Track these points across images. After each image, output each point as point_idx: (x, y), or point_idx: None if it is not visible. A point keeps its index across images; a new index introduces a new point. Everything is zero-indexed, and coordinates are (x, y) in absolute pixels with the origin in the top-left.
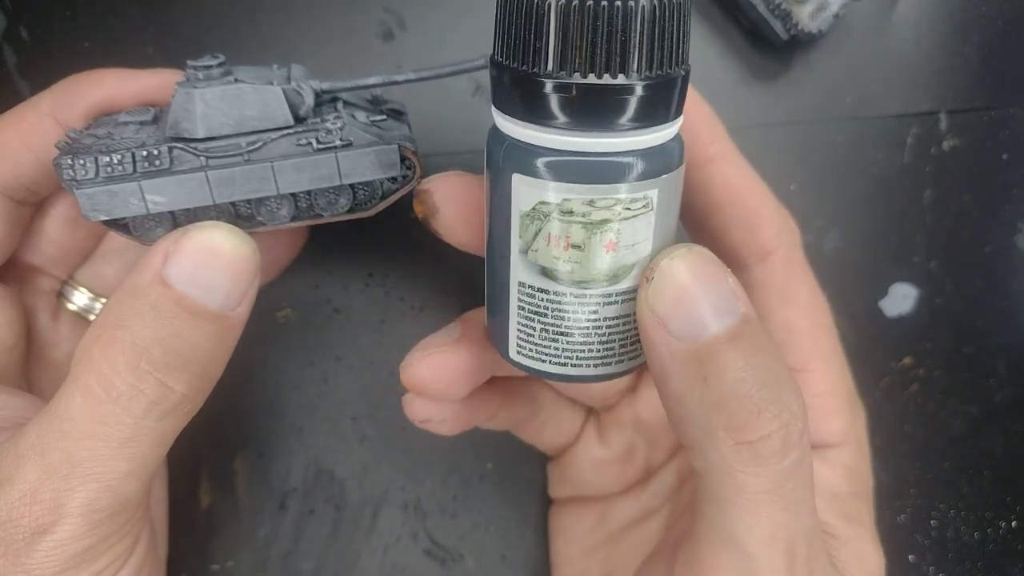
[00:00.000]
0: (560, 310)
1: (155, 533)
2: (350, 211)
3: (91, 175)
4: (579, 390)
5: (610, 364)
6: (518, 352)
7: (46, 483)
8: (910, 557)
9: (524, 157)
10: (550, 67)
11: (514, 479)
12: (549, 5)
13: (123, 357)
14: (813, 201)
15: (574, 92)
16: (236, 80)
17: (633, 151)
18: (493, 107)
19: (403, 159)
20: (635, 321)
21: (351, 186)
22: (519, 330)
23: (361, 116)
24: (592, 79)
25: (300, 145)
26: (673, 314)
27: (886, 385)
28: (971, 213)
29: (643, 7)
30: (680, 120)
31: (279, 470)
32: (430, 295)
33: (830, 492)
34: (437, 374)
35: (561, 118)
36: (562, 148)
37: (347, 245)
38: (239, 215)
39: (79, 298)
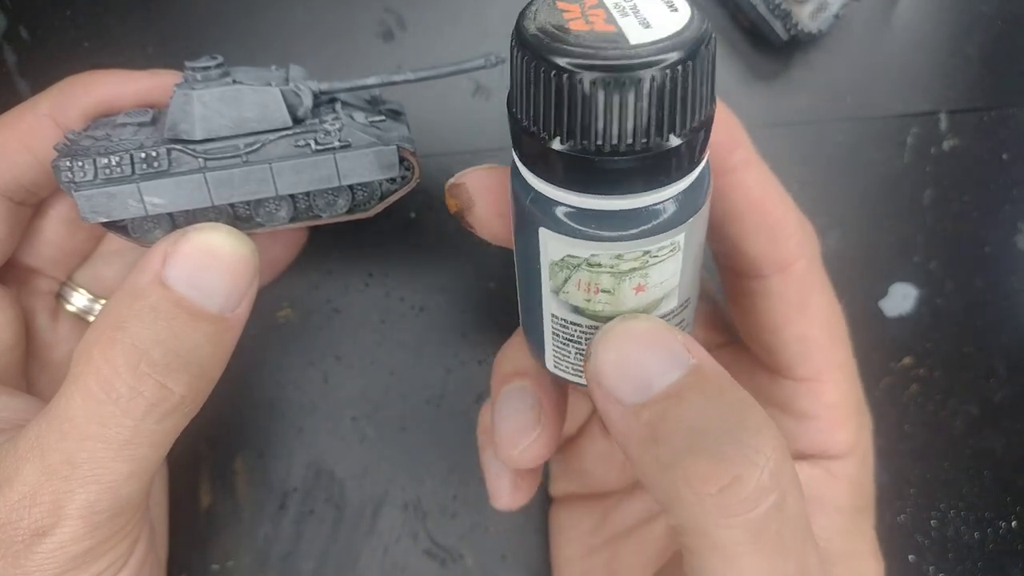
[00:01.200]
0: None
1: (155, 533)
2: (349, 212)
3: (89, 177)
4: None
5: None
6: (555, 367)
7: (46, 485)
8: (910, 557)
9: (551, 211)
10: (578, 141)
11: None
12: (563, 80)
13: (123, 359)
14: (813, 201)
15: (596, 162)
16: (234, 81)
17: (659, 202)
18: (516, 156)
19: (402, 160)
20: None
21: (350, 187)
22: (555, 351)
23: (360, 117)
24: (612, 149)
25: (299, 146)
26: (618, 384)
27: (886, 385)
28: (971, 213)
29: (665, 76)
30: (707, 155)
31: (279, 470)
32: (430, 295)
33: (833, 507)
34: (538, 456)
35: (587, 185)
36: (588, 207)
37: (347, 245)
38: (238, 216)
39: (78, 299)
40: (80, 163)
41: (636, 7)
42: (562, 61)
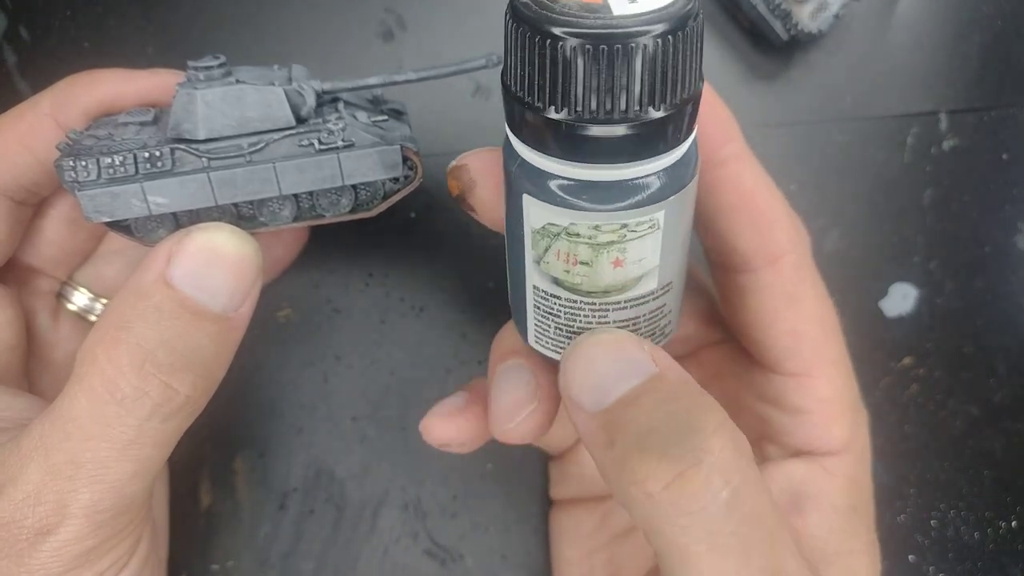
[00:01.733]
0: (572, 313)
1: (156, 533)
2: (352, 211)
3: (93, 176)
4: None
5: None
6: (536, 341)
7: (50, 484)
8: (910, 557)
9: (535, 179)
10: (557, 105)
11: (514, 479)
12: (557, 47)
13: (127, 359)
14: (813, 201)
15: (580, 130)
16: (237, 81)
17: (642, 176)
18: (506, 125)
19: (405, 159)
20: (644, 322)
21: (353, 186)
22: (535, 324)
23: (362, 116)
24: (597, 118)
25: (302, 146)
26: (582, 393)
27: (886, 385)
28: (971, 213)
29: (646, 47)
30: (693, 135)
31: (279, 470)
32: (430, 295)
33: (829, 504)
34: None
35: (569, 151)
36: (570, 176)
37: (347, 245)
38: (241, 216)
39: (79, 299)
40: (83, 163)
41: None
42: (550, 28)
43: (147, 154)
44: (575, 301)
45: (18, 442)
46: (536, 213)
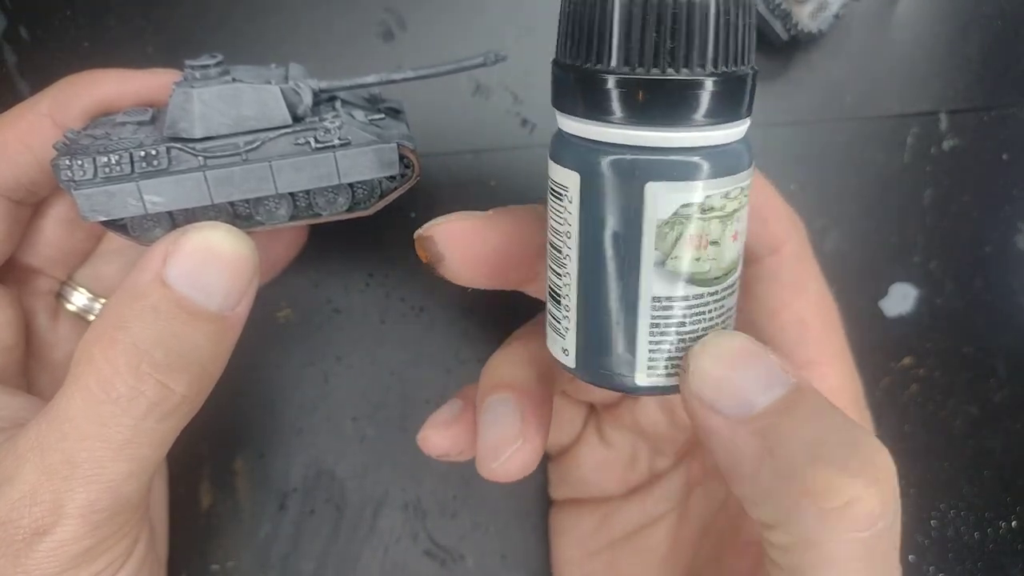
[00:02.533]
0: (696, 314)
1: (155, 533)
2: (349, 210)
3: (89, 176)
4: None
5: None
6: (647, 375)
7: (46, 484)
8: (910, 557)
9: (662, 162)
10: (696, 65)
11: None
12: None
13: (124, 358)
14: (813, 201)
15: (715, 85)
16: (234, 79)
17: (744, 138)
18: (620, 115)
19: (402, 158)
20: (733, 311)
21: (350, 185)
22: (651, 351)
23: (359, 115)
24: (727, 71)
25: (298, 144)
26: (720, 397)
27: (886, 385)
28: (971, 213)
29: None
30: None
31: (279, 470)
32: (430, 295)
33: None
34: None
35: (698, 113)
36: (701, 145)
37: (347, 245)
38: (237, 215)
39: (78, 299)
40: (79, 162)
41: None
42: None
43: (143, 153)
44: (700, 296)
45: (15, 442)
46: (665, 200)
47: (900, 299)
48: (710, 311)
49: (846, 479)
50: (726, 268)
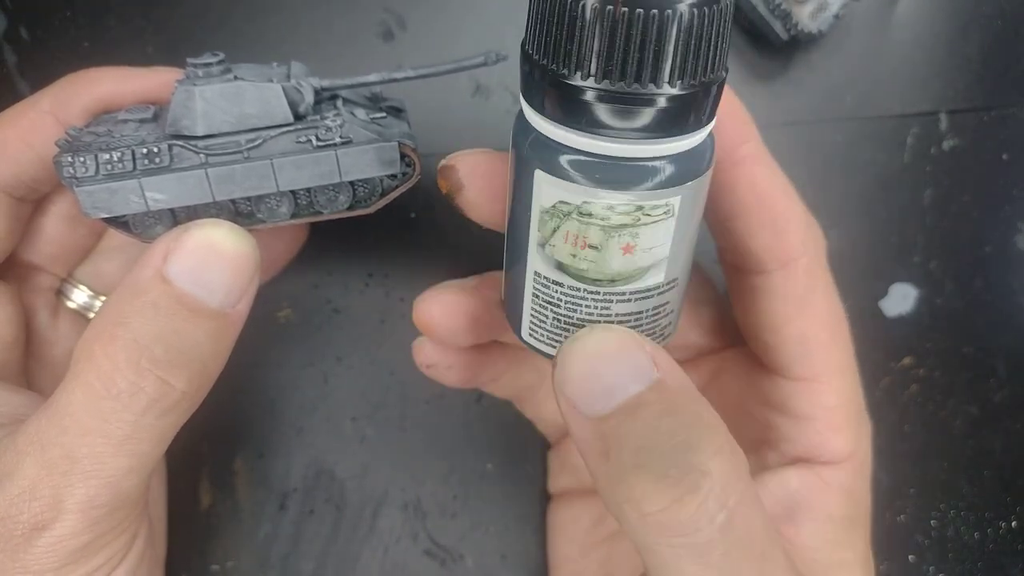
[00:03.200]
0: (573, 303)
1: (153, 530)
2: (350, 208)
3: (91, 172)
4: None
5: None
6: (530, 335)
7: (45, 479)
8: (910, 557)
9: (549, 154)
10: (583, 71)
11: (514, 479)
12: (585, 9)
13: (124, 354)
14: (813, 201)
15: (604, 99)
16: (236, 78)
17: (660, 157)
18: (522, 97)
19: (403, 156)
20: (647, 318)
21: (351, 183)
22: (532, 315)
23: (361, 113)
24: (623, 87)
25: (300, 142)
26: (580, 394)
27: (886, 385)
28: (971, 213)
29: (681, 15)
30: (712, 124)
31: (279, 470)
32: None
33: (824, 515)
34: (447, 311)
35: (589, 122)
36: (587, 150)
37: (347, 245)
38: (239, 212)
39: (78, 296)
40: (82, 159)
41: None
42: None
43: (145, 150)
44: (578, 290)
45: (14, 437)
46: (547, 191)
47: (900, 299)
48: (589, 306)
49: (662, 486)
50: (611, 275)
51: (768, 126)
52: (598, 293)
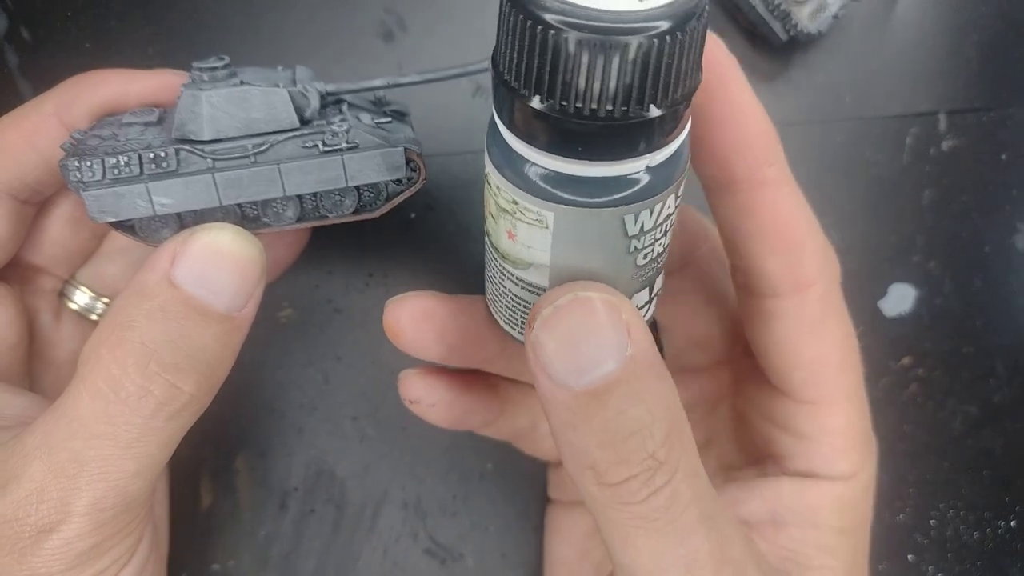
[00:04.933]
0: (496, 273)
1: (157, 532)
2: (355, 212)
3: (98, 177)
4: None
5: (522, 334)
6: (498, 316)
7: (53, 482)
8: (909, 557)
9: (491, 146)
10: (510, 81)
11: (514, 478)
12: (512, 27)
13: (132, 358)
14: (812, 201)
15: (517, 111)
16: (242, 82)
17: (539, 165)
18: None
19: (408, 161)
20: (525, 309)
21: (357, 188)
22: (491, 298)
23: (366, 118)
24: (534, 103)
25: (306, 147)
26: (553, 362)
27: (885, 385)
28: (970, 213)
29: (630, 46)
30: (618, 171)
31: (280, 470)
32: None
33: (811, 522)
34: (416, 318)
35: (517, 124)
36: (515, 150)
37: (348, 245)
38: (245, 216)
39: (81, 297)
40: (88, 163)
41: None
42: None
43: (152, 155)
44: (494, 259)
45: (21, 440)
46: (487, 163)
47: (899, 299)
48: (499, 274)
49: (619, 467)
50: (502, 251)
51: None
52: (499, 263)
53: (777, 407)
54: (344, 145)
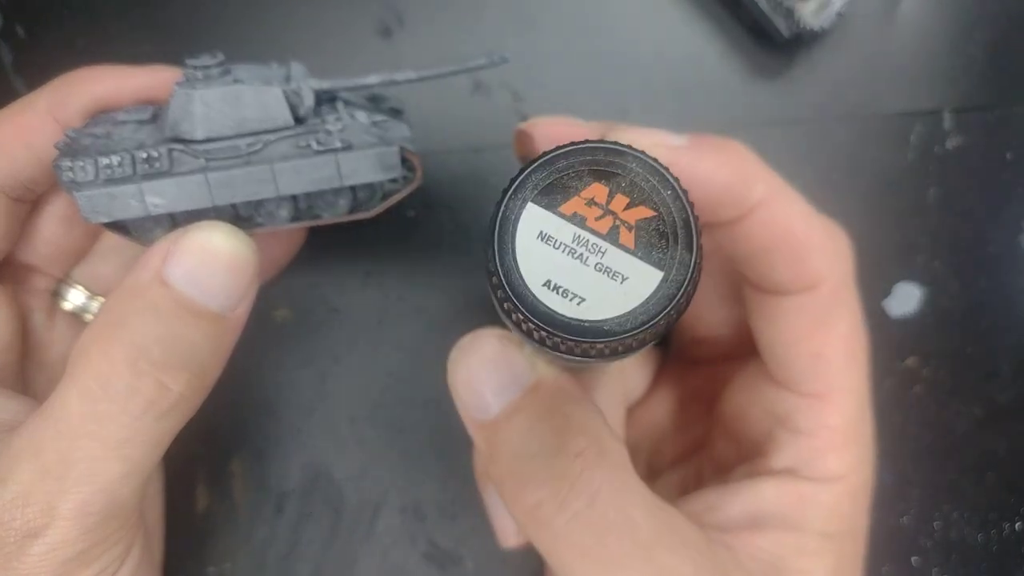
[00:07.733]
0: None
1: (151, 537)
2: (350, 212)
3: (91, 177)
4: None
5: None
6: None
7: (39, 485)
8: (913, 559)
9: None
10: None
11: None
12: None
13: (122, 355)
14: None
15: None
16: (235, 80)
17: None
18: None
19: (404, 160)
20: None
21: (351, 187)
22: None
23: (361, 116)
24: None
25: (300, 147)
26: (468, 401)
27: (890, 385)
28: (975, 212)
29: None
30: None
31: (276, 472)
32: (428, 295)
33: (792, 525)
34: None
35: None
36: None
37: (344, 245)
38: (239, 216)
39: (75, 296)
40: (81, 163)
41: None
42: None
43: (145, 155)
44: None
45: (9, 442)
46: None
47: (904, 299)
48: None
49: (530, 489)
50: None
51: (770, 124)
52: None
53: (777, 401)
54: (338, 144)
